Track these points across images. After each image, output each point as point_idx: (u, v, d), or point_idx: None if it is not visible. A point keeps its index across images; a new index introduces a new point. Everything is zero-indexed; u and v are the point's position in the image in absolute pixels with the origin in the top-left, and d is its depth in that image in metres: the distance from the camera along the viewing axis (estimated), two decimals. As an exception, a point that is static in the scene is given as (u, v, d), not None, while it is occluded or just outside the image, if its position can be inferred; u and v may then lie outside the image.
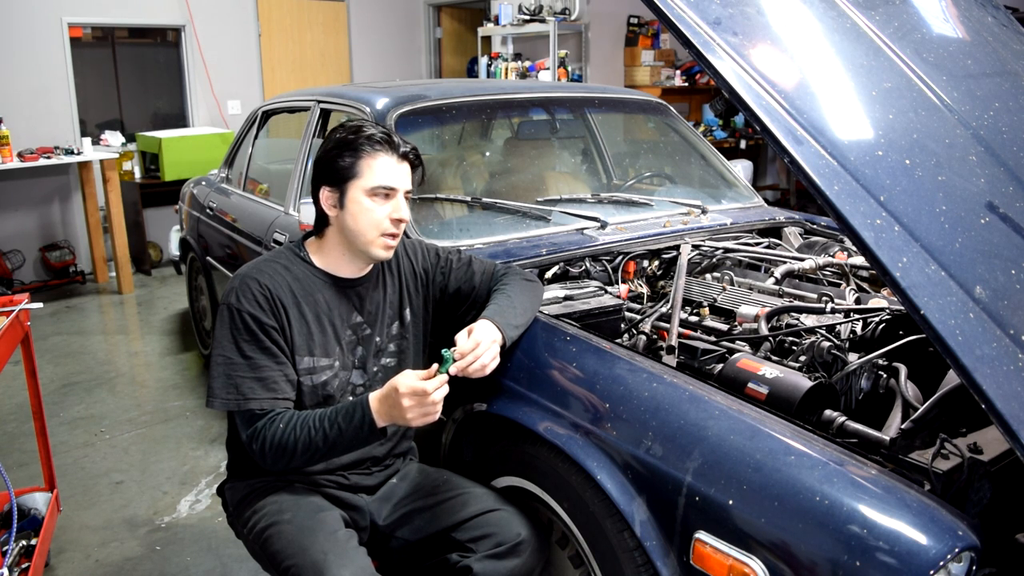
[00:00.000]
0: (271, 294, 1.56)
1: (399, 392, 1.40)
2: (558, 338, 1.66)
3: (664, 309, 1.88)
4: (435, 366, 1.44)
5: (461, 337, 1.53)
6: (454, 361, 1.46)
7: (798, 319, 1.78)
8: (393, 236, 1.62)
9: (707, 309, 1.90)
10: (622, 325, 1.88)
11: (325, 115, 2.87)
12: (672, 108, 3.11)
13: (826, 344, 1.58)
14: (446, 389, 1.44)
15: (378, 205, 1.59)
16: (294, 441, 1.47)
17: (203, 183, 3.98)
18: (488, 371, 1.52)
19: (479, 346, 1.50)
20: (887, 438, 1.29)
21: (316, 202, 1.64)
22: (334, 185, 1.60)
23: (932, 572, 1.05)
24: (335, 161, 1.59)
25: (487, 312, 1.63)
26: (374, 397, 1.46)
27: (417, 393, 1.39)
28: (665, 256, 2.24)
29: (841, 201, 1.16)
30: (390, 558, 1.72)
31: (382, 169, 1.59)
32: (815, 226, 2.62)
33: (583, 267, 2.12)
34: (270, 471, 1.65)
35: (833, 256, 2.26)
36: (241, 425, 1.53)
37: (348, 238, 1.62)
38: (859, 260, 2.16)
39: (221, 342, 1.55)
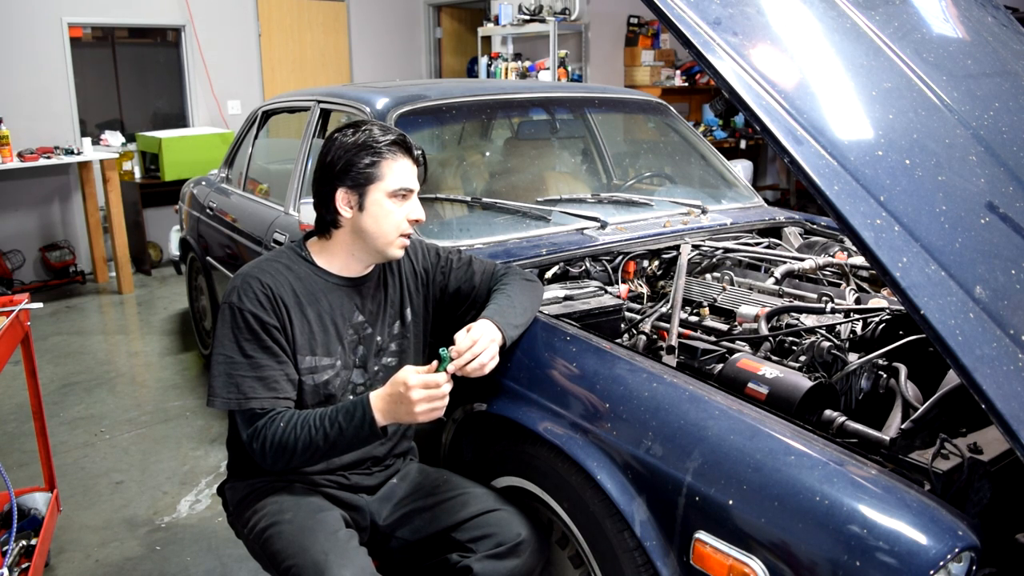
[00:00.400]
0: (273, 293, 1.56)
1: (409, 386, 1.40)
2: (558, 338, 1.66)
3: (664, 309, 1.88)
4: (434, 363, 1.44)
5: (460, 336, 1.53)
6: (451, 360, 1.46)
7: (798, 319, 1.78)
8: (409, 236, 1.65)
9: (707, 309, 1.90)
10: (622, 325, 1.88)
11: (325, 115, 2.87)
12: (672, 108, 3.11)
13: (826, 344, 1.58)
14: (451, 385, 1.44)
15: (397, 207, 1.61)
16: (294, 440, 1.47)
17: (203, 183, 3.98)
18: (487, 370, 1.52)
19: (476, 344, 1.51)
20: (887, 438, 1.29)
21: (324, 203, 1.63)
22: (353, 187, 1.59)
23: (932, 572, 1.05)
24: (355, 163, 1.58)
25: (487, 312, 1.63)
26: (376, 396, 1.45)
27: (429, 386, 1.40)
28: (665, 256, 2.24)
29: (841, 201, 1.16)
30: (390, 558, 1.72)
31: (402, 172, 1.61)
32: (815, 226, 2.62)
33: (583, 267, 2.12)
34: (270, 471, 1.65)
35: (833, 256, 2.26)
36: (242, 424, 1.53)
37: (364, 239, 1.62)
38: (859, 260, 2.16)
39: (222, 341, 1.55)
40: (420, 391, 1.40)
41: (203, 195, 3.81)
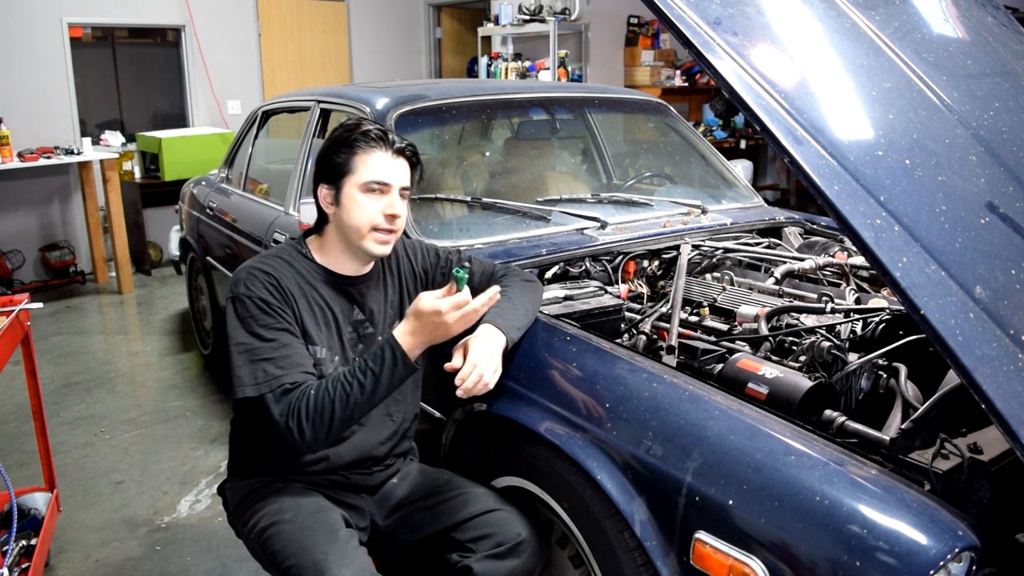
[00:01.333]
0: (279, 283, 1.57)
1: (444, 311, 1.45)
2: (558, 338, 1.66)
3: (664, 309, 1.88)
4: (452, 285, 1.49)
5: (457, 356, 1.54)
6: (467, 276, 1.51)
7: (798, 319, 1.78)
8: (387, 232, 1.62)
9: (707, 309, 1.90)
10: (622, 325, 1.88)
11: (325, 115, 2.87)
12: (672, 108, 3.11)
13: (826, 344, 1.58)
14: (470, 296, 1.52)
15: (372, 201, 1.60)
16: (331, 402, 1.45)
17: (203, 183, 3.98)
18: (492, 386, 1.53)
19: (477, 366, 1.51)
20: (887, 438, 1.29)
21: (316, 202, 1.66)
22: (331, 182, 1.62)
23: (932, 572, 1.05)
24: (331, 158, 1.61)
25: (489, 315, 1.63)
26: (402, 333, 1.47)
27: (459, 305, 1.46)
28: (665, 256, 2.24)
29: (841, 201, 1.16)
30: (390, 558, 1.72)
31: (375, 165, 1.60)
32: (815, 226, 2.62)
33: (583, 267, 2.12)
34: (274, 470, 1.65)
35: (833, 256, 2.26)
36: (274, 405, 1.48)
37: (345, 234, 1.63)
38: (859, 260, 2.16)
39: (236, 333, 1.53)
40: (454, 313, 1.45)
41: (203, 195, 3.81)
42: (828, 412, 1.41)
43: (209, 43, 6.40)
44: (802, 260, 2.15)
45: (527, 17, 6.21)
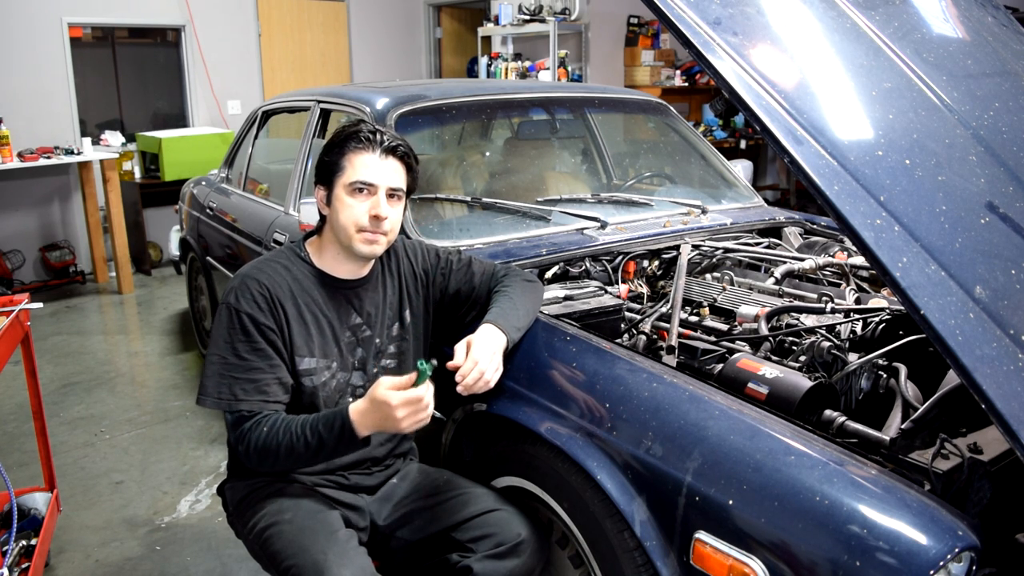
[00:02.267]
0: (270, 294, 1.57)
1: (393, 405, 1.36)
2: (558, 338, 1.66)
3: (664, 309, 1.88)
4: (413, 376, 1.39)
5: (459, 353, 1.54)
6: (431, 372, 1.39)
7: (798, 319, 1.78)
8: (374, 233, 1.60)
9: (707, 309, 1.90)
10: (622, 325, 1.88)
11: (325, 115, 2.86)
12: (672, 108, 3.11)
13: (826, 344, 1.58)
14: (432, 391, 1.42)
15: (358, 201, 1.60)
16: (276, 445, 1.47)
17: (203, 183, 3.98)
18: (492, 384, 1.54)
19: (479, 364, 1.52)
20: (887, 438, 1.29)
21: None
22: (324, 183, 1.64)
23: (932, 572, 1.05)
24: (324, 159, 1.63)
25: (490, 315, 1.64)
26: (356, 410, 1.42)
27: (412, 402, 1.37)
28: (665, 256, 2.24)
29: (841, 201, 1.16)
30: (390, 558, 1.72)
31: (361, 165, 1.60)
32: (815, 226, 2.62)
33: (583, 267, 2.12)
34: (269, 471, 1.65)
35: (833, 256, 2.26)
36: (230, 426, 1.54)
37: (336, 235, 1.63)
38: (859, 260, 2.16)
39: (218, 341, 1.56)
40: (403, 409, 1.37)
41: (203, 195, 3.81)
42: (828, 412, 1.41)
43: (209, 43, 6.40)
44: (802, 260, 2.15)
45: (527, 17, 6.21)
